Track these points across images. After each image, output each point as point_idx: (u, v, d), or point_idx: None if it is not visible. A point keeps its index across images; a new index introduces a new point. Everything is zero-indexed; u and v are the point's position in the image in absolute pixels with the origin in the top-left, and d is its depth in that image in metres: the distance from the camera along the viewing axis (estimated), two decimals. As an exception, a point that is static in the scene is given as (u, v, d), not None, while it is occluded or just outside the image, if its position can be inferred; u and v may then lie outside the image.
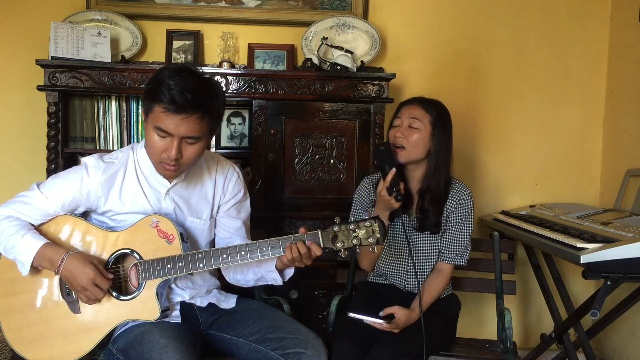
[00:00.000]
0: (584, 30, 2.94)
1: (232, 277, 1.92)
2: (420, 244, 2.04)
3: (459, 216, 2.02)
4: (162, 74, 1.61)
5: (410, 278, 2.05)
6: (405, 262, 2.05)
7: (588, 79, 2.95)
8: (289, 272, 1.80)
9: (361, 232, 1.64)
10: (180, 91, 1.56)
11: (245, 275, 1.86)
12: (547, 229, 2.21)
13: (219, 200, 1.88)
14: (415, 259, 2.03)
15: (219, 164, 1.89)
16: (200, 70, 1.68)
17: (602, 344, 2.91)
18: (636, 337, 2.65)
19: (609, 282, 1.86)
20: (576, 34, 2.94)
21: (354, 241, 1.64)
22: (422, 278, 2.03)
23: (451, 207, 2.02)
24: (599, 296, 1.89)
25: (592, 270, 1.84)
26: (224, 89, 2.45)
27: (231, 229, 1.89)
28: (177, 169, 1.68)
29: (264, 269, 1.79)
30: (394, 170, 1.87)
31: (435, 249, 2.04)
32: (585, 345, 2.43)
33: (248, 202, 1.96)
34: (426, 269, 2.04)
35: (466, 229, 2.03)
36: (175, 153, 1.62)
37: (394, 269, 2.08)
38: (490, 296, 2.41)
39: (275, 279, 1.78)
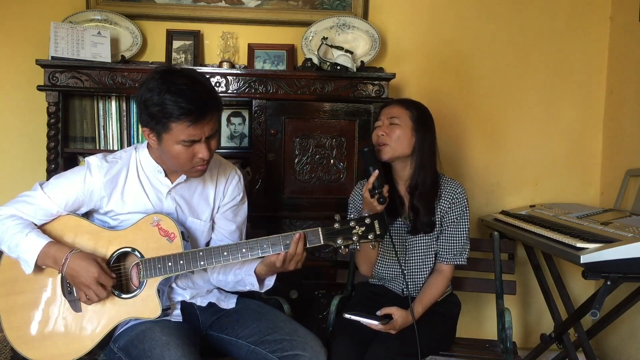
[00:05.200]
0: (584, 30, 2.94)
1: (215, 277, 1.89)
2: (415, 247, 2.03)
3: (454, 215, 2.01)
4: (160, 94, 1.57)
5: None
6: (399, 267, 2.03)
7: (588, 79, 2.96)
8: (269, 283, 1.79)
9: (361, 229, 1.63)
10: (196, 99, 1.56)
11: (226, 276, 1.84)
12: (547, 229, 2.20)
13: (219, 202, 1.88)
14: (407, 263, 2.02)
15: (221, 166, 1.89)
16: (182, 67, 1.68)
17: (602, 344, 2.91)
18: (636, 337, 2.65)
19: (609, 282, 1.86)
20: (576, 34, 2.94)
21: (355, 237, 1.63)
22: (419, 281, 2.02)
23: (445, 206, 2.01)
24: (599, 296, 1.89)
25: (592, 270, 1.83)
26: (224, 89, 2.47)
27: (225, 231, 1.89)
28: (207, 164, 1.71)
29: (244, 271, 1.78)
30: (376, 172, 1.85)
31: (432, 251, 2.02)
32: (585, 345, 2.43)
33: (245, 206, 1.95)
34: (423, 272, 2.03)
35: (463, 228, 2.02)
36: (208, 153, 1.65)
37: (390, 275, 2.07)
38: (490, 296, 2.41)
39: (253, 284, 1.77)
